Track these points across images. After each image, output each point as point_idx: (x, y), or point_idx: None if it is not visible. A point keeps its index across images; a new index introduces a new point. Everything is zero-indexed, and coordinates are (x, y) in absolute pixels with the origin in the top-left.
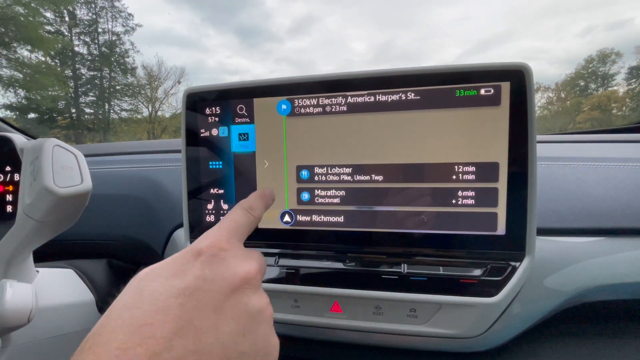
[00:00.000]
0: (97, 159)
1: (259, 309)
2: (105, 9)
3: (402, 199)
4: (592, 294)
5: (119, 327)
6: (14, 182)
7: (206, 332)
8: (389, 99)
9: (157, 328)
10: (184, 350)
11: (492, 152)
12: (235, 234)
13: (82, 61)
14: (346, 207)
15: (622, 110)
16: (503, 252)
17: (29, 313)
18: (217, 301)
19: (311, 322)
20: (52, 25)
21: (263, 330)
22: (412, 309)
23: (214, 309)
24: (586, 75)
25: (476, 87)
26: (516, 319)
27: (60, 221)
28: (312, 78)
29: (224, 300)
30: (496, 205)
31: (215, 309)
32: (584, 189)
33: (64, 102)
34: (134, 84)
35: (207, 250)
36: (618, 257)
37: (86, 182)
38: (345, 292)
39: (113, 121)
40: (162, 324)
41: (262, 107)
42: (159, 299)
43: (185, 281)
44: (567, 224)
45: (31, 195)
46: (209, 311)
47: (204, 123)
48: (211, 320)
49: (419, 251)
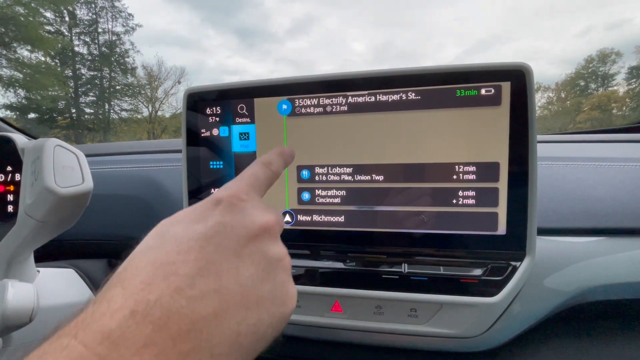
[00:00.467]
0: (98, 159)
1: (278, 258)
2: (105, 9)
3: (402, 199)
4: (592, 293)
5: (143, 265)
6: (15, 182)
7: (226, 274)
8: (389, 99)
9: (179, 266)
10: (205, 288)
11: (493, 152)
12: (253, 187)
13: (82, 61)
14: (347, 207)
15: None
16: (503, 252)
17: (30, 313)
18: (236, 246)
19: (312, 321)
20: (52, 25)
21: (282, 278)
22: (412, 309)
23: (233, 253)
24: (586, 75)
25: (477, 87)
26: (516, 318)
27: (61, 221)
28: (312, 78)
29: (244, 245)
30: (497, 205)
31: (235, 253)
32: (584, 188)
33: (64, 102)
34: (134, 84)
35: (227, 200)
36: (618, 257)
37: (87, 182)
38: (346, 291)
39: (113, 121)
40: (184, 263)
41: (263, 107)
42: (181, 241)
43: (205, 226)
44: (568, 223)
45: (32, 195)
46: (229, 254)
47: (204, 123)
48: (231, 263)
49: (419, 251)
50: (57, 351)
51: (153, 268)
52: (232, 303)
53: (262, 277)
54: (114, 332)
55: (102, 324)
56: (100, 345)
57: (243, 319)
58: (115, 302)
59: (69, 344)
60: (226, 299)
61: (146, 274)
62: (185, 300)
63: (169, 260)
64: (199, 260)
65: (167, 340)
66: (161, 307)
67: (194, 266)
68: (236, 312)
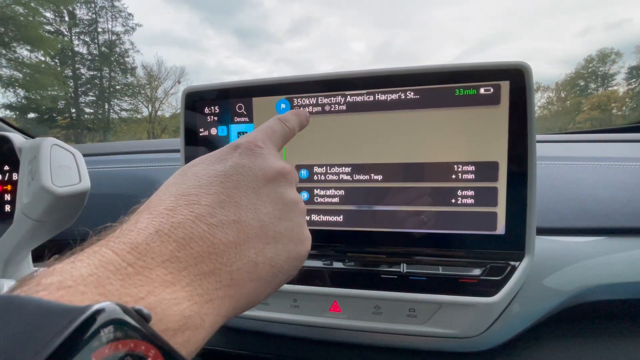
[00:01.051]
0: (97, 158)
1: (295, 201)
2: (105, 9)
3: (401, 199)
4: (591, 293)
5: (167, 196)
6: (12, 181)
7: (245, 209)
8: (388, 98)
9: (201, 197)
10: (225, 218)
11: (492, 151)
12: (270, 138)
13: (81, 61)
14: (345, 207)
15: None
16: (502, 252)
17: None
18: (255, 185)
19: (310, 321)
20: (52, 25)
21: (298, 220)
22: (411, 309)
23: (252, 191)
24: (586, 75)
25: (476, 86)
26: (516, 318)
27: (59, 221)
28: (311, 77)
29: (261, 186)
30: (496, 205)
31: (253, 191)
32: (583, 188)
33: (64, 102)
34: (134, 84)
35: (245, 145)
36: (617, 257)
37: (84, 181)
38: (345, 291)
39: (113, 121)
40: (206, 195)
41: (261, 107)
42: (202, 178)
43: (224, 166)
44: (567, 223)
45: (29, 194)
46: (248, 191)
47: (203, 122)
48: (250, 200)
49: (418, 251)
50: (88, 256)
51: (176, 198)
52: (250, 235)
53: (279, 216)
54: (140, 245)
55: (130, 238)
56: (129, 254)
57: (261, 250)
58: (142, 222)
59: (100, 250)
60: (245, 231)
61: (170, 202)
62: (206, 226)
63: (191, 192)
64: (219, 194)
65: (189, 258)
66: (184, 229)
67: (214, 199)
68: (254, 244)
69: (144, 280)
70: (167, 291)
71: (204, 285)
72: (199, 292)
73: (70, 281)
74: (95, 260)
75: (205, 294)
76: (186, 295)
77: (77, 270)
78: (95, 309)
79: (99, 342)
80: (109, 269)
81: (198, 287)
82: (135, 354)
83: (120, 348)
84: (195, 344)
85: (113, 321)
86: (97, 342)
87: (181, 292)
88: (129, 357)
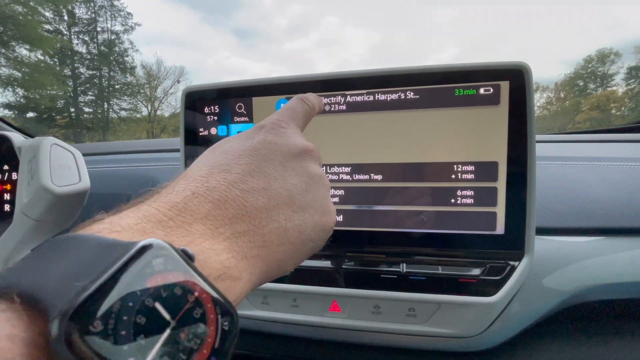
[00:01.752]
0: (97, 158)
1: (320, 175)
2: (104, 8)
3: (401, 199)
4: (591, 293)
5: (199, 167)
6: (12, 180)
7: (274, 179)
8: (388, 98)
9: (232, 167)
10: (256, 186)
11: (491, 151)
12: (292, 118)
13: (81, 60)
14: (345, 207)
15: (621, 110)
16: (502, 252)
17: None
18: (282, 159)
19: (310, 321)
20: (51, 24)
21: (323, 193)
22: (411, 309)
23: (280, 164)
24: (585, 75)
25: (475, 86)
26: (515, 318)
27: (58, 220)
28: (311, 77)
29: (288, 159)
30: (495, 205)
31: (281, 164)
32: (583, 188)
33: (63, 101)
34: (133, 83)
35: (269, 125)
36: (617, 257)
37: (84, 180)
38: (344, 291)
39: (112, 120)
40: (236, 166)
41: (261, 106)
42: (233, 152)
43: (252, 142)
44: (566, 223)
45: (29, 194)
46: (276, 164)
47: (202, 122)
48: (278, 171)
49: (418, 250)
50: (133, 211)
51: (209, 168)
52: (279, 202)
53: (305, 188)
54: (179, 204)
55: (169, 198)
56: (170, 211)
57: (290, 217)
58: (180, 187)
59: (142, 207)
60: (274, 198)
61: (204, 171)
62: (239, 191)
63: (222, 163)
64: (249, 165)
65: (224, 218)
66: (219, 192)
67: (245, 169)
68: (283, 210)
69: (184, 232)
70: (206, 243)
71: (239, 243)
72: (235, 249)
73: (118, 227)
74: (140, 214)
75: (241, 251)
76: (224, 248)
77: (124, 220)
78: (148, 242)
79: (151, 270)
80: (152, 221)
81: (234, 244)
82: (183, 285)
83: (170, 279)
84: (234, 295)
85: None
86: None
87: (220, 244)
88: (179, 287)
